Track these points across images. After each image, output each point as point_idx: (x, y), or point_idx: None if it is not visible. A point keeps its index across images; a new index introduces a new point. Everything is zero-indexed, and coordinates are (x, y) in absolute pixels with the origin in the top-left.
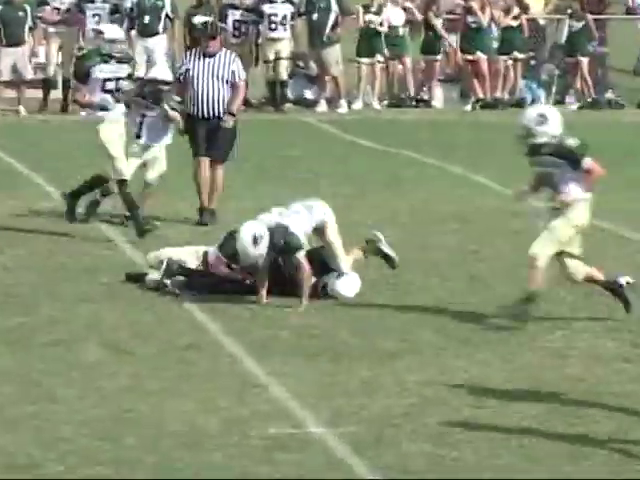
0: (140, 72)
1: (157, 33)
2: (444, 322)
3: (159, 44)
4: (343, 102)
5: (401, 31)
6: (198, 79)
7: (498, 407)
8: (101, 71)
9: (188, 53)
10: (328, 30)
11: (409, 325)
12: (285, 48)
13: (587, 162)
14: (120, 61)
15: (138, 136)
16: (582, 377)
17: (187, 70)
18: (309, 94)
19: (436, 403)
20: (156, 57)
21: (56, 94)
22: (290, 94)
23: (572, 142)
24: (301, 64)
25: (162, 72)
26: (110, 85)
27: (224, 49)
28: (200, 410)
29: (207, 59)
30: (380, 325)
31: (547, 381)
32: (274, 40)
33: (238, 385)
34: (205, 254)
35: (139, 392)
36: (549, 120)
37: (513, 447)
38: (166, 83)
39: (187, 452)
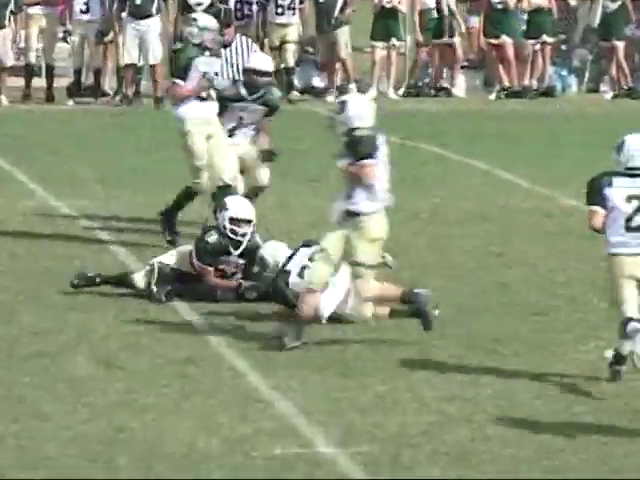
0: (132, 58)
1: (150, 15)
2: (466, 332)
3: (153, 26)
4: (353, 87)
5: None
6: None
7: (526, 425)
8: (200, 64)
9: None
10: (337, 11)
11: (428, 335)
12: (292, 33)
13: (362, 163)
14: (214, 54)
15: (231, 134)
16: (618, 392)
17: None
18: (317, 81)
19: (458, 420)
20: (149, 41)
21: (40, 82)
22: (297, 82)
23: (362, 135)
24: (310, 49)
25: (262, 61)
26: (205, 82)
27: (238, 35)
28: (199, 428)
29: (222, 49)
30: (396, 335)
31: (580, 396)
32: (281, 25)
33: (241, 401)
34: (191, 255)
35: (132, 409)
36: (348, 108)
37: (542, 469)
38: (266, 74)
39: (185, 474)
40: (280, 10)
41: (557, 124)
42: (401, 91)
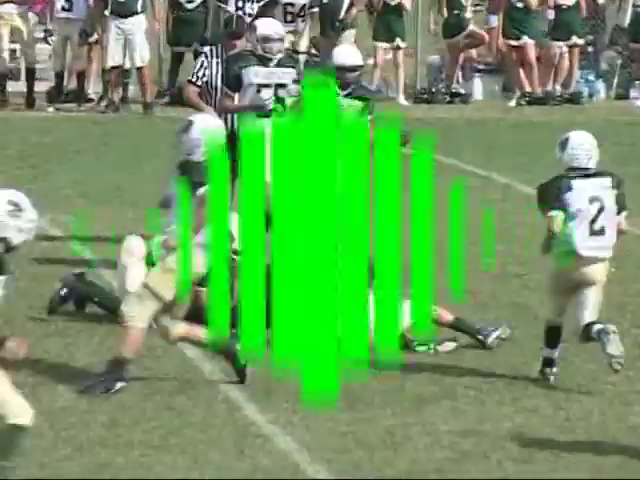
0: (116, 60)
1: (135, 12)
2: (483, 360)
3: (138, 25)
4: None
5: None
6: (220, 87)
7: (549, 462)
8: (256, 75)
9: (208, 53)
10: (343, 13)
11: (442, 364)
12: (303, 42)
13: (201, 191)
14: (281, 64)
15: None
16: None
17: (208, 75)
18: None
19: (474, 457)
20: (135, 41)
21: (18, 87)
22: None
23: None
24: (314, 51)
25: (349, 55)
26: (267, 93)
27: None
28: (190, 466)
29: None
30: (407, 364)
31: (608, 432)
32: (289, 33)
33: (236, 436)
34: None
35: (117, 444)
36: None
37: None
38: (356, 68)
39: None
40: (289, 17)
41: None
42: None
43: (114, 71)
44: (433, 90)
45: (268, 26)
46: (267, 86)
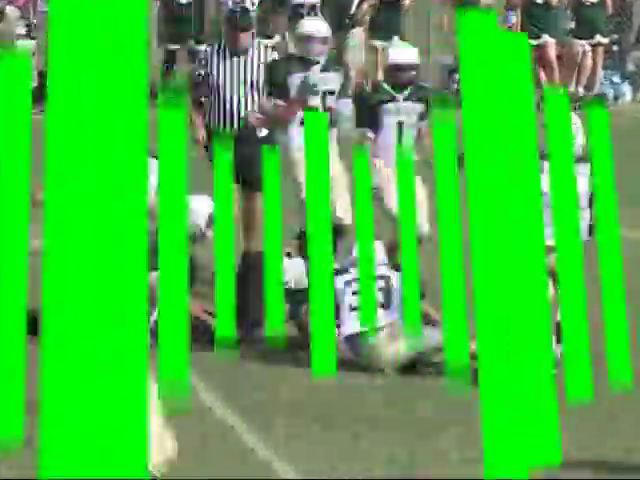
0: None
1: None
2: None
3: None
4: None
5: None
6: (224, 86)
7: None
8: (302, 81)
9: (209, 50)
10: (354, 7)
11: (458, 385)
12: None
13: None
14: (326, 68)
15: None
16: None
17: (208, 75)
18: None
19: None
20: None
21: None
22: None
23: None
24: None
25: (404, 53)
26: (314, 100)
27: (256, 42)
28: None
29: (234, 58)
30: (420, 385)
31: None
32: None
33: (232, 463)
34: None
35: None
36: None
37: None
38: (412, 67)
39: None
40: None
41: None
42: None
43: None
44: (444, 93)
45: (310, 24)
46: (314, 93)
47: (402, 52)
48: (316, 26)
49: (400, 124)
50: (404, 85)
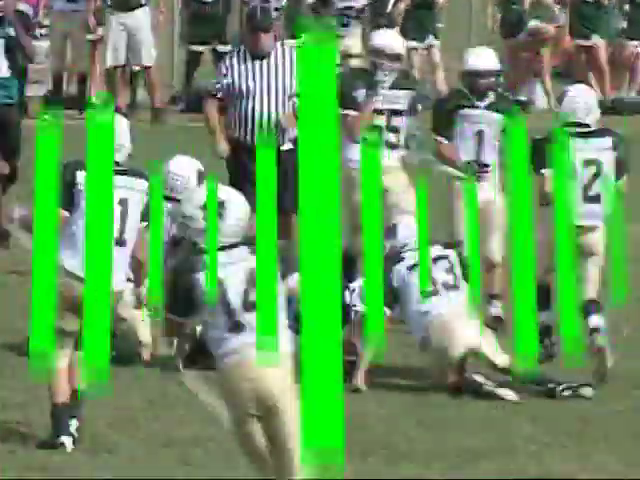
0: (119, 59)
1: (140, 5)
2: (546, 408)
3: (143, 20)
4: None
5: None
6: (247, 92)
7: None
8: (365, 98)
9: (230, 56)
10: (390, 6)
11: (498, 413)
12: (356, 44)
13: None
14: (395, 86)
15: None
16: None
17: (231, 83)
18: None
19: None
20: (140, 37)
21: None
22: None
23: None
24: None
25: (482, 58)
26: (379, 119)
27: (279, 44)
28: None
29: (256, 62)
30: (458, 414)
31: None
32: (344, 37)
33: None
34: None
35: None
36: None
37: None
38: (492, 73)
39: None
40: (345, 20)
41: None
42: None
43: (119, 72)
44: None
45: (382, 38)
46: (380, 112)
47: (480, 57)
48: (389, 41)
49: (480, 133)
50: (482, 92)
